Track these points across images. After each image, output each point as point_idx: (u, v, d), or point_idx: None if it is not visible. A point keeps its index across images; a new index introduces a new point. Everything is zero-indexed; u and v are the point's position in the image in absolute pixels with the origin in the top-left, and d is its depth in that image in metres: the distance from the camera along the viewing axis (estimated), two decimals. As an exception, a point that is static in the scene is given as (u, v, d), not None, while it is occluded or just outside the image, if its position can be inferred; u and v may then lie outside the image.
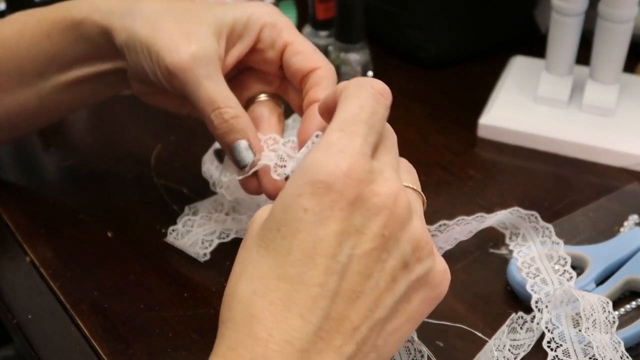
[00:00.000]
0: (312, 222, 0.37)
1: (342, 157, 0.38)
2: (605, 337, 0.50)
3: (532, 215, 0.58)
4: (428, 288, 0.41)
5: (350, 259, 0.38)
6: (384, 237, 0.38)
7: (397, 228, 0.39)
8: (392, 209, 0.39)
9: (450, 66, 0.82)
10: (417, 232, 0.40)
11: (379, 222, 0.38)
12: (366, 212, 0.38)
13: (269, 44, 0.53)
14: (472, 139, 0.72)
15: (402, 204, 0.39)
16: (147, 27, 0.51)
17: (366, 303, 0.38)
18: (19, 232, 0.61)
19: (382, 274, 0.39)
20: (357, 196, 0.38)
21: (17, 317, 0.56)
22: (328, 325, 0.37)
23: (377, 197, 0.38)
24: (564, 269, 0.55)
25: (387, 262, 0.39)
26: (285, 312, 0.37)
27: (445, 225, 0.58)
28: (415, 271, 0.40)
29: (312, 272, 0.37)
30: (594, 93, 0.70)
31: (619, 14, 0.66)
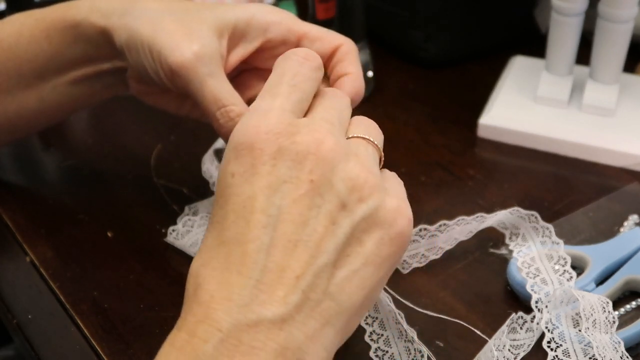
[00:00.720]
0: (239, 183, 0.39)
1: (259, 117, 0.40)
2: (605, 337, 0.50)
3: (532, 215, 0.58)
4: (380, 228, 0.40)
5: (281, 210, 0.38)
6: (312, 182, 0.38)
7: (326, 171, 0.39)
8: (316, 154, 0.39)
9: (450, 66, 0.82)
10: (352, 173, 0.39)
11: (303, 168, 0.39)
12: (289, 162, 0.39)
13: (280, 41, 0.53)
14: (472, 139, 0.72)
15: (328, 147, 0.39)
16: (148, 26, 0.51)
17: (306, 250, 0.38)
18: (19, 232, 0.61)
19: (318, 219, 0.38)
20: (278, 149, 0.39)
21: (17, 317, 0.56)
22: (267, 278, 0.37)
23: (299, 145, 0.39)
24: (564, 269, 0.55)
25: (322, 207, 0.39)
26: (225, 272, 0.37)
27: (445, 225, 0.58)
28: (358, 211, 0.39)
29: (245, 230, 0.38)
30: (594, 93, 0.70)
31: (619, 14, 0.66)
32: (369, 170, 0.40)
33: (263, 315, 0.36)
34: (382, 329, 0.52)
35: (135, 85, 0.57)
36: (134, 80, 0.57)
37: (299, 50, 0.44)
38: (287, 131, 0.39)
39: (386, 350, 0.51)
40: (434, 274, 0.57)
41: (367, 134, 0.43)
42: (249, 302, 0.37)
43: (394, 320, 0.52)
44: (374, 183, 0.40)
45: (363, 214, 0.39)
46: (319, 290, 0.38)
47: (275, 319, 0.37)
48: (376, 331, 0.52)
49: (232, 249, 0.38)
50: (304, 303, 0.37)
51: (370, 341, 0.52)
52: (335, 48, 0.52)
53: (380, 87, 0.78)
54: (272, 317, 0.37)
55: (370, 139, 0.43)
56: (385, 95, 0.78)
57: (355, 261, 0.39)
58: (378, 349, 0.51)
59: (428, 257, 0.58)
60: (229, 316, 0.36)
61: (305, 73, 0.43)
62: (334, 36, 0.53)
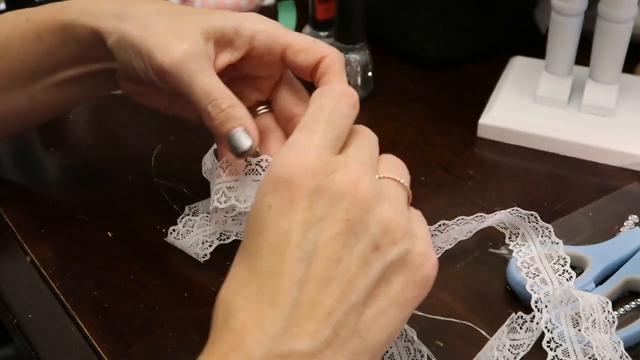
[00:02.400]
0: (275, 216, 0.39)
1: (299, 153, 0.40)
2: (605, 337, 0.50)
3: (531, 215, 0.58)
4: (408, 270, 0.41)
5: (316, 246, 0.39)
6: (348, 222, 0.39)
7: (362, 212, 0.40)
8: (353, 194, 0.40)
9: (450, 66, 0.82)
10: (386, 215, 0.40)
11: (341, 207, 0.39)
12: (327, 200, 0.39)
13: (265, 50, 0.53)
14: (472, 139, 0.72)
15: (365, 188, 0.40)
16: (138, 28, 0.52)
17: (338, 287, 0.38)
18: (19, 232, 0.61)
19: (351, 258, 0.39)
20: (316, 186, 0.39)
21: (17, 317, 0.56)
22: (299, 312, 0.38)
23: (337, 184, 0.40)
24: (564, 269, 0.55)
25: (356, 246, 0.39)
26: (257, 304, 0.38)
27: (444, 225, 0.58)
28: (390, 254, 0.40)
29: (279, 263, 0.38)
30: (593, 93, 0.70)
31: (618, 14, 0.66)
32: (401, 213, 0.41)
33: (295, 348, 0.37)
34: (382, 329, 0.52)
35: (126, 85, 0.57)
36: (124, 81, 0.57)
37: (338, 85, 0.45)
38: (325, 169, 0.40)
39: (386, 350, 0.51)
40: (433, 274, 0.57)
41: (396, 174, 0.44)
42: (281, 335, 0.37)
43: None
44: (405, 227, 0.41)
45: (394, 256, 0.40)
46: (348, 327, 0.39)
47: (306, 353, 0.37)
48: (376, 331, 0.52)
49: (265, 280, 0.38)
50: (333, 339, 0.38)
51: (370, 341, 0.52)
52: (320, 59, 0.52)
53: (380, 87, 0.78)
54: (303, 350, 0.37)
55: (400, 180, 0.44)
56: (385, 95, 0.78)
57: (383, 301, 0.40)
58: (378, 348, 0.51)
59: (428, 257, 0.58)
60: (261, 347, 0.37)
61: (342, 110, 0.43)
62: (319, 47, 0.52)
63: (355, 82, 0.76)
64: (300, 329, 0.38)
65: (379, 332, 0.40)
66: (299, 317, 0.38)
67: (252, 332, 0.37)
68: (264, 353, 0.37)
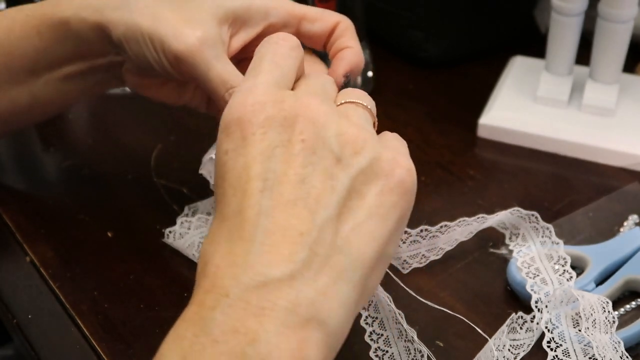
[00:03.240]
0: (233, 158, 0.39)
1: (245, 93, 0.41)
2: (605, 337, 0.50)
3: (532, 215, 0.58)
4: (379, 178, 0.40)
5: (276, 173, 0.38)
6: (304, 142, 0.39)
7: (317, 130, 0.39)
8: (305, 115, 0.40)
9: (450, 66, 0.82)
10: (344, 129, 0.40)
11: (294, 130, 0.39)
12: (279, 127, 0.39)
13: (282, 24, 0.54)
14: (472, 139, 0.72)
15: (316, 107, 0.40)
16: (146, 17, 0.51)
17: (306, 207, 0.38)
18: (19, 232, 0.61)
19: (314, 176, 0.39)
20: (266, 117, 0.39)
21: (17, 317, 0.56)
22: (270, 239, 0.37)
23: (287, 110, 0.40)
24: (564, 269, 0.55)
25: (317, 164, 0.39)
26: (230, 244, 0.37)
27: (446, 226, 0.58)
28: (354, 164, 0.39)
29: (243, 199, 0.38)
30: (593, 93, 0.70)
31: (619, 14, 0.66)
32: (361, 126, 0.41)
33: (270, 275, 0.36)
34: (382, 329, 0.52)
35: (133, 78, 0.57)
36: (132, 74, 0.56)
37: (275, 34, 0.45)
38: (273, 100, 0.40)
39: (386, 350, 0.51)
40: (434, 274, 0.57)
41: (357, 99, 0.44)
42: (254, 265, 0.36)
43: (394, 320, 0.52)
44: (367, 137, 0.40)
45: (360, 166, 0.39)
46: (325, 244, 0.37)
47: (283, 277, 0.36)
48: (376, 331, 0.52)
49: (235, 221, 0.38)
50: (311, 259, 0.37)
51: (370, 341, 0.52)
52: (334, 25, 0.53)
53: (380, 87, 0.78)
54: (279, 275, 0.36)
55: (362, 103, 0.44)
56: (385, 95, 0.78)
57: (359, 214, 0.39)
58: (378, 348, 0.51)
59: (428, 257, 0.58)
60: (235, 281, 0.36)
61: (283, 52, 0.44)
62: (332, 15, 0.54)
63: (355, 82, 0.76)
64: (273, 255, 0.36)
65: (363, 245, 0.39)
66: (270, 244, 0.37)
67: (225, 270, 0.37)
68: (240, 287, 0.36)
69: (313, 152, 0.39)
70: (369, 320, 0.53)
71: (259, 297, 0.35)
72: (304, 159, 0.39)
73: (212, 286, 0.36)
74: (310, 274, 0.36)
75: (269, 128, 0.39)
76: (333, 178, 0.39)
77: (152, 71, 0.53)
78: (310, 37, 0.54)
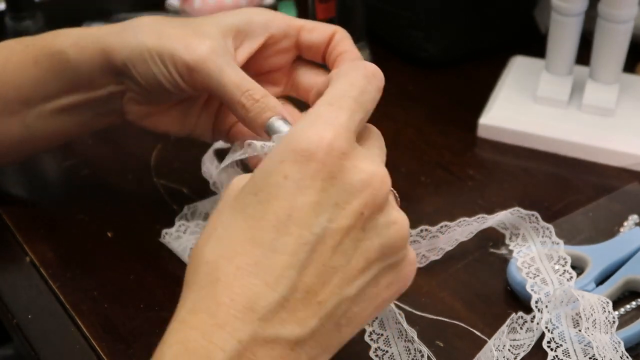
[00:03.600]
0: (291, 189, 0.37)
1: (326, 128, 0.38)
2: (605, 337, 0.50)
3: (532, 215, 0.58)
4: (395, 275, 0.41)
5: (325, 232, 0.37)
6: (362, 216, 0.38)
7: (376, 210, 0.39)
8: (375, 189, 0.38)
9: (450, 66, 0.82)
10: (399, 219, 0.40)
11: (360, 199, 0.38)
12: (348, 186, 0.38)
13: (282, 35, 0.54)
14: (472, 139, 0.72)
15: (385, 187, 0.39)
16: (151, 36, 0.52)
17: (336, 279, 0.38)
18: (19, 232, 0.61)
19: (355, 253, 0.38)
20: (339, 169, 0.38)
21: (17, 317, 0.56)
22: (294, 297, 0.37)
23: (361, 174, 0.38)
24: (564, 269, 0.55)
25: (362, 242, 0.39)
26: (252, 278, 0.37)
27: (446, 226, 0.58)
28: (390, 260, 0.40)
29: (284, 240, 0.37)
30: (593, 93, 0.70)
31: (619, 14, 0.66)
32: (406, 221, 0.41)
33: (281, 333, 0.37)
34: (382, 329, 0.52)
35: (135, 108, 0.56)
36: (134, 103, 0.56)
37: (369, 64, 0.43)
38: (350, 154, 0.38)
39: (386, 350, 0.51)
40: (434, 274, 0.57)
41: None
42: (270, 318, 0.36)
43: (394, 320, 0.52)
44: (406, 238, 0.41)
45: (392, 260, 0.40)
46: (333, 320, 0.38)
47: (291, 340, 0.37)
48: (376, 331, 0.52)
49: (265, 255, 0.37)
50: (318, 330, 0.38)
51: (370, 341, 0.52)
52: (332, 35, 0.53)
53: (380, 87, 0.78)
54: (289, 337, 0.37)
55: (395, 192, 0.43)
56: (385, 96, 0.77)
57: (368, 300, 0.40)
58: (378, 348, 0.51)
59: (429, 257, 0.58)
60: (248, 327, 0.36)
61: (371, 92, 0.42)
62: (328, 26, 0.54)
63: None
64: (290, 315, 0.37)
65: (353, 328, 0.40)
66: (292, 301, 0.37)
67: (241, 310, 0.36)
68: (250, 334, 0.36)
69: (364, 230, 0.39)
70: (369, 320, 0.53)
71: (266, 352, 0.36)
72: (354, 233, 0.38)
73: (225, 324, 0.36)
74: (312, 342, 0.38)
75: (338, 182, 0.38)
76: (369, 262, 0.39)
77: (159, 94, 0.53)
78: (309, 46, 0.54)
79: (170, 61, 0.51)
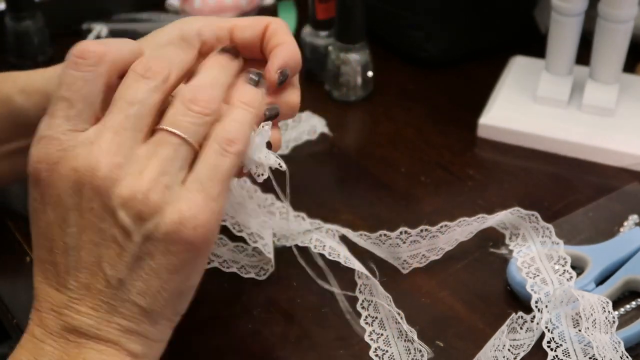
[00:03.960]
0: (39, 210, 0.42)
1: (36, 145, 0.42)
2: (605, 337, 0.50)
3: (532, 215, 0.58)
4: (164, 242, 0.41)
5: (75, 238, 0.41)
6: (92, 211, 0.41)
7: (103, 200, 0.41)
8: (90, 183, 0.41)
9: (450, 66, 0.82)
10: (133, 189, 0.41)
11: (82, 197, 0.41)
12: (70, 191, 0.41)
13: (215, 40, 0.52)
14: (472, 139, 0.72)
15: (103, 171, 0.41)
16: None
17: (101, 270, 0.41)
18: (19, 232, 0.61)
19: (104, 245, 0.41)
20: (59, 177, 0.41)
21: (17, 317, 0.56)
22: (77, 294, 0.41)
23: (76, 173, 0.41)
24: (564, 269, 0.55)
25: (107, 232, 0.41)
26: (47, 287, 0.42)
27: (446, 226, 0.58)
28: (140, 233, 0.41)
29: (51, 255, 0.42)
30: (593, 93, 0.70)
31: (619, 14, 0.66)
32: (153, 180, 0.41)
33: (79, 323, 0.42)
34: (382, 329, 0.53)
35: None
36: None
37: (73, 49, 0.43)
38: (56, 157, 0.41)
39: (386, 350, 0.51)
40: (434, 274, 0.57)
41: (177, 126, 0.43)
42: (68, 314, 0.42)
43: (394, 320, 0.52)
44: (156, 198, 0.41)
45: (146, 233, 0.41)
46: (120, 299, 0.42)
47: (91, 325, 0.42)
48: (376, 331, 0.53)
49: (47, 269, 0.42)
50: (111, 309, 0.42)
51: (370, 341, 0.52)
52: (264, 28, 0.52)
53: (380, 87, 0.78)
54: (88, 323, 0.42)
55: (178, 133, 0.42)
56: (385, 95, 0.78)
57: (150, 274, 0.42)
58: (378, 348, 0.51)
59: (429, 257, 0.58)
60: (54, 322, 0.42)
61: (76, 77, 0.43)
62: (262, 19, 0.52)
63: (355, 82, 0.76)
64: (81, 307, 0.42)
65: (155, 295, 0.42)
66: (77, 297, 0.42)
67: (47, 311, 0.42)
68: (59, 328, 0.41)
69: (102, 220, 0.41)
70: (369, 319, 0.53)
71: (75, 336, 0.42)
72: (95, 227, 0.41)
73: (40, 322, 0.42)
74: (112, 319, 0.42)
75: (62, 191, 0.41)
76: (122, 248, 0.41)
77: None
78: (244, 45, 0.52)
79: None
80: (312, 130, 0.71)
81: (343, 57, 0.74)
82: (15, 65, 0.82)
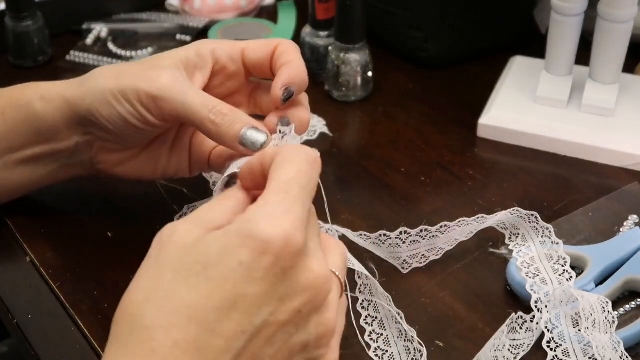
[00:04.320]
0: (242, 277, 0.39)
1: (284, 220, 0.39)
2: (605, 337, 0.50)
3: (532, 215, 0.58)
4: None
5: (264, 324, 0.40)
6: (299, 314, 0.40)
7: (312, 310, 0.41)
8: (317, 291, 0.41)
9: (450, 66, 0.82)
10: (328, 321, 0.42)
11: (301, 298, 0.40)
12: (295, 284, 0.40)
13: (228, 59, 0.55)
14: (472, 139, 0.72)
15: (326, 290, 0.41)
16: (111, 78, 0.53)
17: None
18: (19, 232, 0.61)
19: (282, 346, 0.41)
20: (291, 266, 0.40)
21: (17, 317, 0.56)
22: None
23: (309, 274, 0.40)
24: (564, 269, 0.55)
25: (292, 337, 0.41)
26: (186, 356, 0.38)
27: (446, 226, 0.58)
28: (310, 354, 0.42)
29: (225, 324, 0.39)
30: (593, 93, 0.70)
31: (618, 14, 0.66)
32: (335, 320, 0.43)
33: None
34: (382, 329, 0.53)
35: (107, 157, 0.57)
36: (105, 151, 0.57)
37: (309, 149, 0.44)
38: (303, 252, 0.40)
39: (386, 350, 0.51)
40: (434, 274, 0.57)
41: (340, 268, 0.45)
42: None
43: (394, 320, 0.52)
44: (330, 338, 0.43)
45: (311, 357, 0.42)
46: None
47: None
48: (376, 331, 0.53)
49: (203, 336, 0.38)
50: None
51: (370, 340, 0.52)
52: (274, 49, 0.54)
53: (380, 87, 0.78)
54: None
55: (342, 277, 0.44)
56: (385, 95, 0.78)
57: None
58: (378, 348, 0.51)
59: (428, 257, 0.58)
60: None
61: (315, 179, 0.43)
62: (272, 40, 0.55)
63: (355, 82, 0.76)
64: None
65: None
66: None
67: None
68: None
69: (297, 326, 0.41)
70: (369, 319, 0.53)
71: None
72: (288, 328, 0.41)
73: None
74: None
75: (288, 278, 0.40)
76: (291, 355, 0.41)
77: (128, 135, 0.54)
78: (254, 65, 0.55)
79: (135, 96, 0.52)
80: (312, 130, 0.71)
81: (343, 58, 0.74)
82: (15, 66, 0.82)
